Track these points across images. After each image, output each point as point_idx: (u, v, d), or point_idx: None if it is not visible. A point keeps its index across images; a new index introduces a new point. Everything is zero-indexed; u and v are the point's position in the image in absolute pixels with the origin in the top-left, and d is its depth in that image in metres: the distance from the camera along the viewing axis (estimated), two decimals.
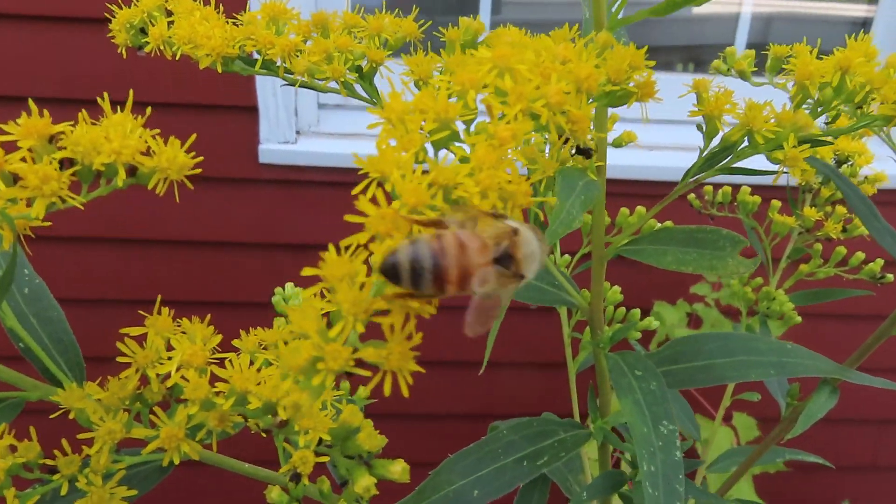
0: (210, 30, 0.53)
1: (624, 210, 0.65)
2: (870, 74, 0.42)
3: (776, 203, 0.73)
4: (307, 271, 0.29)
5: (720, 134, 0.47)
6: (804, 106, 0.47)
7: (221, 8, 0.57)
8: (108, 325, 1.72)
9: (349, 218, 0.29)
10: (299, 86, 0.52)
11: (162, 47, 0.56)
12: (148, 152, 0.35)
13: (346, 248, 0.29)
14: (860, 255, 0.72)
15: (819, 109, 0.45)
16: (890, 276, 0.69)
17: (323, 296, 0.29)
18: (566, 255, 0.67)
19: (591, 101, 0.37)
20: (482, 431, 0.60)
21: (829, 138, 0.45)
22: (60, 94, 1.54)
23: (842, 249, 0.73)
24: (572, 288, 0.55)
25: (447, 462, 0.51)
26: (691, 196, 0.77)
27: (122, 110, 0.36)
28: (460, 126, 0.33)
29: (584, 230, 0.62)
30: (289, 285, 0.59)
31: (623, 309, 0.64)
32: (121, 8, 0.58)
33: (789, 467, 1.92)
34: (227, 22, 0.55)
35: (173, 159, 0.35)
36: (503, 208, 0.33)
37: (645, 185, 1.76)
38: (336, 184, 1.68)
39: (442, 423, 1.93)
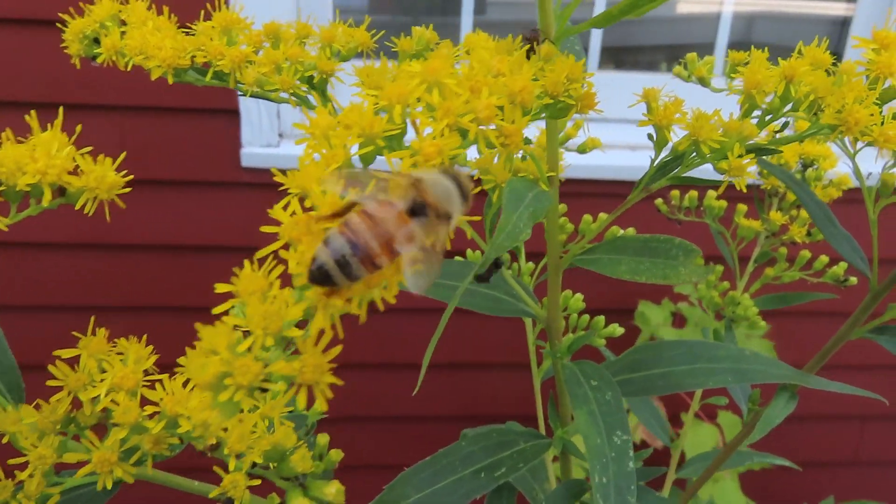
0: (161, 41, 0.52)
1: (587, 217, 0.65)
2: (815, 83, 0.42)
3: (742, 207, 0.74)
4: (221, 287, 0.28)
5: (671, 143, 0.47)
6: (757, 112, 0.47)
7: (175, 18, 0.56)
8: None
9: (264, 229, 0.29)
10: (251, 96, 0.51)
11: (114, 58, 0.55)
12: (76, 171, 0.34)
13: (264, 258, 0.29)
14: (824, 259, 0.72)
15: (767, 118, 0.45)
16: (853, 279, 0.69)
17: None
18: (530, 263, 0.67)
19: (528, 113, 0.36)
20: (456, 435, 0.59)
21: (776, 147, 0.44)
22: (44, 97, 1.53)
23: (806, 253, 0.73)
24: (530, 298, 0.54)
25: (403, 475, 0.51)
26: (658, 201, 0.77)
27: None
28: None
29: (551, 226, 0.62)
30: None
31: (587, 316, 0.64)
32: (73, 18, 0.58)
33: (772, 465, 1.93)
34: (181, 32, 0.55)
35: (102, 178, 0.34)
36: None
37: (622, 185, 1.76)
38: None
39: (418, 424, 1.93)
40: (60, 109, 0.36)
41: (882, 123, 0.41)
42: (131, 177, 0.36)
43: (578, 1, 0.42)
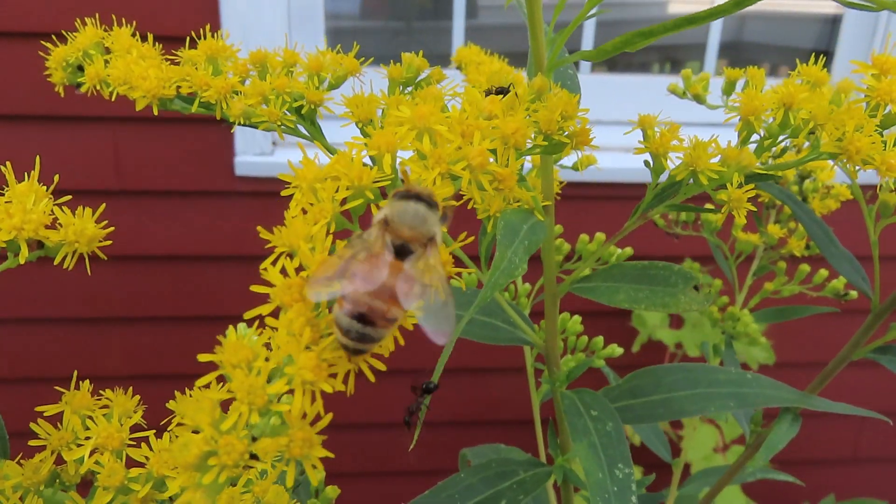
0: (145, 70, 0.51)
1: (583, 237, 0.64)
2: (814, 110, 0.41)
3: (740, 221, 0.73)
4: (203, 357, 0.27)
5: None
6: (756, 137, 0.47)
7: (159, 46, 0.55)
8: (87, 343, 1.70)
9: (255, 288, 0.28)
10: (239, 125, 0.50)
11: (98, 87, 0.54)
12: (54, 225, 0.33)
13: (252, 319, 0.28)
14: (823, 273, 0.71)
15: (766, 143, 0.44)
16: (853, 293, 0.68)
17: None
18: (527, 284, 0.66)
19: (522, 155, 0.35)
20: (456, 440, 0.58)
21: (775, 173, 0.44)
22: (36, 110, 1.52)
23: (805, 267, 0.72)
24: (526, 325, 0.53)
25: None
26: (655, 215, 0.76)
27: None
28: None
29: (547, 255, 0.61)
30: (241, 326, 0.57)
31: (585, 338, 0.63)
32: (56, 45, 0.57)
33: (772, 463, 1.93)
34: (166, 60, 0.53)
35: (81, 231, 0.33)
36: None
37: (624, 188, 1.75)
38: None
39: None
40: (37, 159, 0.35)
41: (885, 149, 0.40)
42: (112, 229, 0.35)
43: (570, 30, 0.41)
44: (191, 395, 0.28)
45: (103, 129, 1.60)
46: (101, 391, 0.40)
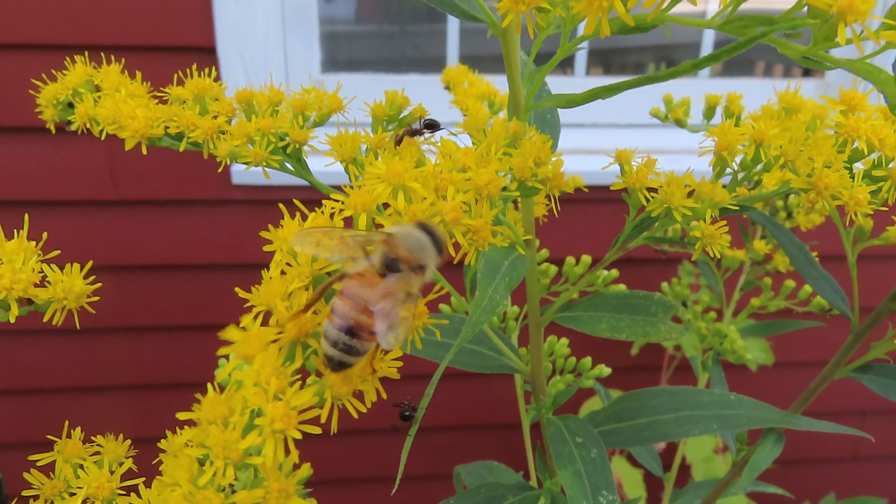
0: (134, 109, 0.52)
1: (570, 259, 0.65)
2: (785, 146, 0.42)
3: (726, 237, 0.73)
4: (182, 416, 0.28)
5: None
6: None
7: (148, 84, 0.56)
8: (85, 353, 1.70)
9: (221, 352, 0.29)
10: (227, 163, 0.51)
11: (88, 125, 0.55)
12: (43, 282, 0.34)
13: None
14: (808, 289, 0.72)
15: (740, 177, 0.45)
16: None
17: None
18: (515, 307, 0.67)
19: (495, 206, 0.36)
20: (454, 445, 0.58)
21: (749, 206, 0.44)
22: (30, 121, 1.53)
23: (790, 283, 0.73)
24: (512, 353, 0.54)
25: None
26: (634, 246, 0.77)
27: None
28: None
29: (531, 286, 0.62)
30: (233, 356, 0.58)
31: (573, 359, 0.64)
32: (46, 83, 0.58)
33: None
34: (154, 98, 0.54)
35: (69, 289, 0.34)
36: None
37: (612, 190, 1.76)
38: (308, 201, 1.68)
39: (417, 435, 1.93)
40: (26, 217, 0.36)
41: (853, 186, 0.41)
42: (99, 284, 0.36)
43: (548, 69, 0.42)
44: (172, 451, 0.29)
45: (98, 139, 1.61)
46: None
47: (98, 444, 0.39)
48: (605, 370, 0.64)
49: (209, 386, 0.29)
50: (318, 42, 1.73)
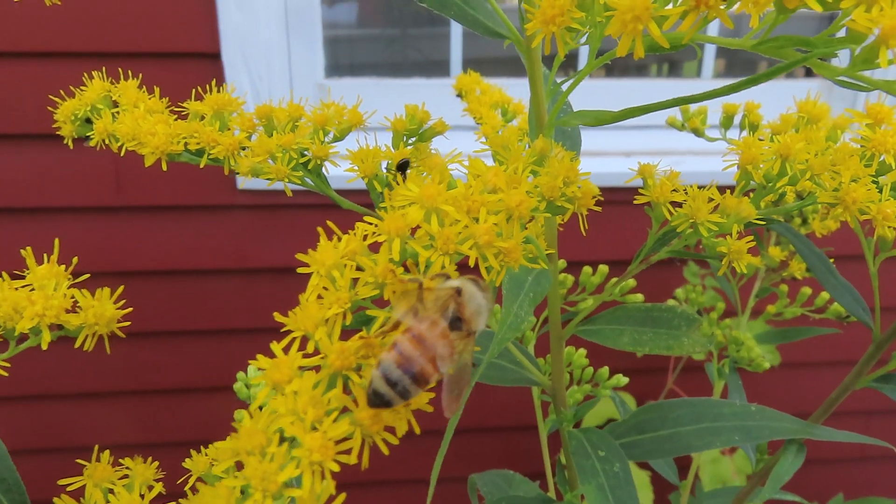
0: (153, 126, 0.52)
1: (587, 269, 0.65)
2: (811, 160, 0.42)
3: (741, 270, 0.73)
4: (221, 444, 0.28)
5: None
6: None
7: (167, 100, 0.56)
8: (90, 360, 1.69)
9: (254, 380, 0.29)
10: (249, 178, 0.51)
11: (107, 141, 0.55)
12: (74, 308, 0.34)
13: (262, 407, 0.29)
14: (825, 296, 0.72)
15: (765, 192, 0.45)
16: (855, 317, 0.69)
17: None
18: (532, 317, 0.67)
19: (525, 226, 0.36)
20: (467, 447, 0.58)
21: (774, 219, 0.44)
22: (37, 128, 1.53)
23: (807, 290, 0.73)
24: (533, 366, 0.54)
25: None
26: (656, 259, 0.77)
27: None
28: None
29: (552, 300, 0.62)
30: (251, 369, 0.58)
31: (591, 369, 0.64)
32: (64, 99, 0.57)
33: None
34: (173, 114, 0.54)
35: (100, 314, 0.34)
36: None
37: (624, 192, 1.76)
38: (313, 206, 1.68)
39: (430, 438, 1.93)
40: (56, 242, 0.36)
41: (880, 200, 0.41)
42: (130, 309, 0.36)
43: (575, 85, 0.42)
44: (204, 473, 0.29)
45: (103, 147, 1.60)
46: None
47: (126, 468, 0.39)
48: (622, 380, 0.64)
49: (244, 413, 0.29)
50: (321, 47, 1.73)
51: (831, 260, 0.63)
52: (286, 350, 0.30)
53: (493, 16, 0.42)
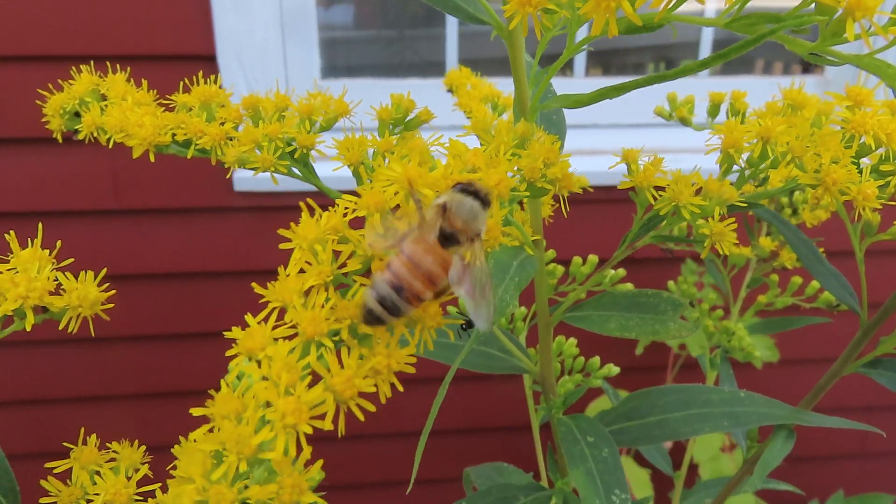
0: (141, 118, 0.52)
1: (577, 259, 0.65)
2: (792, 142, 0.42)
3: (733, 235, 0.74)
4: (196, 411, 0.29)
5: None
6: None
7: (154, 92, 0.56)
8: (91, 363, 1.70)
9: (229, 352, 0.29)
10: (235, 168, 0.52)
11: (96, 133, 0.56)
12: (57, 290, 0.35)
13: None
14: (815, 285, 0.72)
15: (747, 174, 0.45)
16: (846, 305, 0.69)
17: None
18: (522, 308, 0.67)
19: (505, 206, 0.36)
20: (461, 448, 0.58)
21: (756, 202, 0.45)
22: (32, 132, 1.53)
23: (797, 279, 0.73)
24: (521, 353, 0.55)
25: None
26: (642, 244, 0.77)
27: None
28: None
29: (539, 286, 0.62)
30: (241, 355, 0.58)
31: (581, 359, 0.64)
32: (49, 94, 0.58)
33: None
34: (160, 106, 0.55)
35: (84, 296, 0.34)
36: (412, 332, 0.33)
37: (620, 190, 1.76)
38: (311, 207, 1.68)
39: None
40: (40, 226, 0.36)
41: (860, 180, 0.41)
42: (113, 291, 0.36)
43: (555, 70, 0.43)
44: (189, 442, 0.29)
45: (101, 149, 1.61)
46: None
47: (113, 451, 0.40)
48: (613, 369, 0.64)
49: (222, 382, 0.29)
50: (317, 48, 1.74)
51: (821, 250, 0.63)
52: (268, 322, 0.30)
53: (475, 2, 0.43)
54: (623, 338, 0.49)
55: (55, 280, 0.35)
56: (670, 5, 0.31)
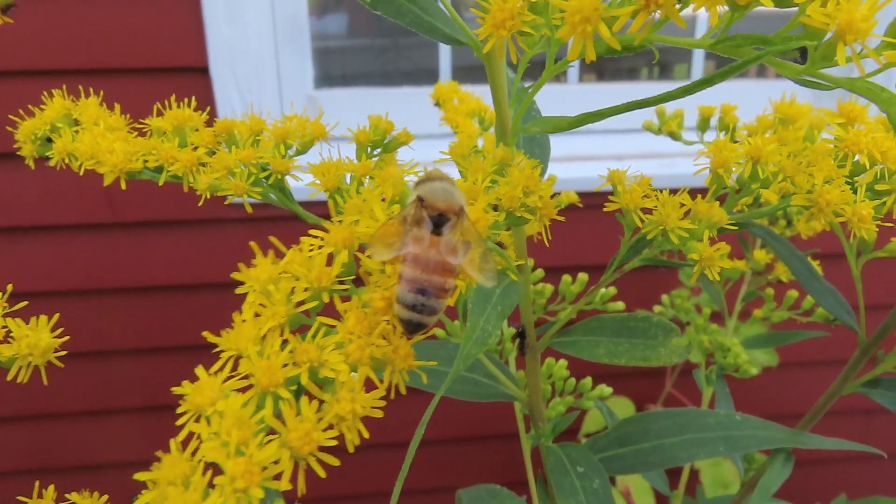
0: (111, 144, 0.50)
1: (566, 278, 0.63)
2: (783, 162, 0.41)
3: (726, 247, 0.72)
4: (140, 476, 0.27)
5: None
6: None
7: (127, 117, 0.55)
8: (92, 377, 1.68)
9: (180, 409, 0.28)
10: (207, 196, 0.50)
11: (67, 160, 0.54)
12: (6, 339, 0.33)
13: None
14: (811, 299, 0.70)
15: (737, 196, 0.44)
16: None
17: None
18: (512, 328, 0.65)
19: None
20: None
21: (747, 223, 0.43)
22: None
23: (793, 293, 0.71)
24: (508, 379, 0.53)
25: None
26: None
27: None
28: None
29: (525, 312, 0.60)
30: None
31: (573, 380, 0.62)
32: (24, 119, 0.56)
33: None
34: (134, 130, 0.53)
35: (35, 344, 0.33)
36: (381, 377, 0.31)
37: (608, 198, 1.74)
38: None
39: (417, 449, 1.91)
40: (9, 287, 0.34)
41: (855, 201, 0.39)
42: (66, 338, 0.35)
43: (536, 90, 0.41)
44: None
45: None
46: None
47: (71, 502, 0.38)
48: (605, 390, 0.63)
49: (171, 443, 0.27)
50: (310, 58, 1.72)
51: (816, 262, 0.61)
52: (222, 372, 0.28)
53: (451, 22, 0.41)
54: (613, 364, 0.48)
55: (4, 327, 0.33)
56: (647, 26, 0.29)
